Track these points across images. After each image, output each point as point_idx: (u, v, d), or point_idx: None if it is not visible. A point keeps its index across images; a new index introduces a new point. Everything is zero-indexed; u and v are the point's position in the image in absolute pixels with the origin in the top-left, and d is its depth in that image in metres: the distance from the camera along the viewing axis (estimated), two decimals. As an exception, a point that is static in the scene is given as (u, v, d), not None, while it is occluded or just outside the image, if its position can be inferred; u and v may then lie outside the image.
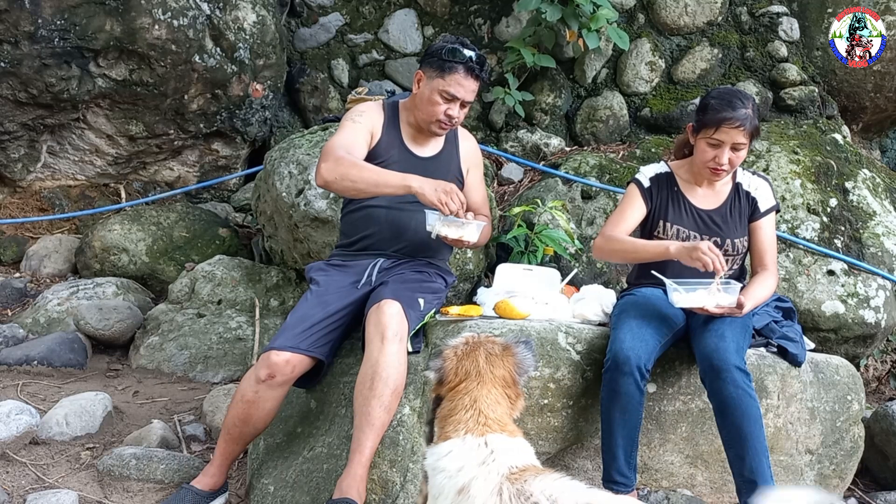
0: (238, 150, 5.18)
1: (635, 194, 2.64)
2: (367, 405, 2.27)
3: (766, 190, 2.64)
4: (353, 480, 2.21)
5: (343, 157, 2.49)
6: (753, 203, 2.62)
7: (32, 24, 4.16)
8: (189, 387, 3.43)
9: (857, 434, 2.77)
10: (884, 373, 4.05)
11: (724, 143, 2.44)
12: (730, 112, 2.42)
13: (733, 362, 2.27)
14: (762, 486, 2.22)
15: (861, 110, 4.81)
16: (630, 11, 4.73)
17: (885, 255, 3.73)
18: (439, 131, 2.71)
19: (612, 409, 2.33)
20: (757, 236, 2.61)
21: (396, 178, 2.44)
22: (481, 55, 2.66)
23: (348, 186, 2.49)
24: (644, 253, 2.52)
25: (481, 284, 3.47)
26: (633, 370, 2.28)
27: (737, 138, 2.44)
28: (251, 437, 2.51)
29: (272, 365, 2.37)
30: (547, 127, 4.69)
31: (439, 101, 2.62)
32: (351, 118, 2.69)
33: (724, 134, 2.43)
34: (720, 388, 2.27)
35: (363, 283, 2.59)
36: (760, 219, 2.62)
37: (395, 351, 2.32)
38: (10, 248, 4.63)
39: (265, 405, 2.41)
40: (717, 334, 2.35)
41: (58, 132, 4.71)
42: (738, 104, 2.43)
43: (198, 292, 3.92)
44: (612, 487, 2.38)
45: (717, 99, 2.47)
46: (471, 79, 2.62)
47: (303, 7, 5.36)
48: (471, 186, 2.83)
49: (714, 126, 2.44)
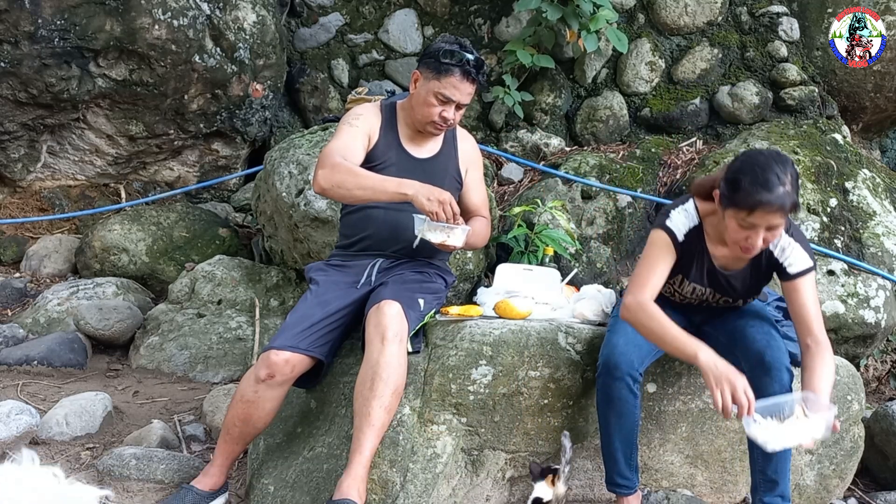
0: (238, 150, 5.18)
1: (668, 248, 2.30)
2: (367, 405, 2.26)
3: (798, 253, 2.27)
4: (354, 481, 2.21)
5: (339, 163, 2.48)
6: (779, 267, 2.30)
7: (32, 24, 4.16)
8: (189, 387, 3.43)
9: (857, 434, 2.77)
10: (884, 373, 4.05)
11: (759, 226, 2.10)
12: (766, 195, 2.05)
13: (785, 363, 2.28)
14: (782, 486, 2.24)
15: (861, 110, 4.82)
16: (630, 11, 4.73)
17: (885, 255, 3.73)
18: (435, 132, 2.70)
19: (608, 413, 2.33)
20: (793, 301, 2.28)
21: (392, 185, 2.43)
22: (479, 58, 2.63)
23: (345, 194, 2.49)
24: (669, 345, 2.21)
25: (481, 284, 3.47)
26: (624, 375, 2.27)
27: (773, 221, 2.09)
28: (251, 437, 2.51)
29: (272, 364, 2.36)
30: (547, 127, 4.69)
31: (434, 102, 2.60)
32: (348, 122, 2.68)
33: (758, 218, 2.09)
34: (767, 384, 2.24)
35: (362, 282, 2.59)
36: (792, 280, 2.28)
37: (396, 352, 2.31)
38: (10, 248, 4.63)
39: (265, 405, 2.41)
40: (764, 332, 2.34)
41: (58, 132, 4.71)
42: (775, 182, 2.06)
43: (198, 292, 3.92)
44: (615, 490, 2.39)
45: (751, 175, 2.08)
46: (467, 82, 2.59)
47: (303, 7, 5.36)
48: (470, 186, 2.82)
49: (747, 210, 2.09)
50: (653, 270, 2.29)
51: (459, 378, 2.42)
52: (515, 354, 2.44)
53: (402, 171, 2.63)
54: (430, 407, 2.42)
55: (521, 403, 2.44)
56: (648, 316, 2.21)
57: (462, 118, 2.84)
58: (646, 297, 2.24)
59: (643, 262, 2.34)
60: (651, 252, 2.33)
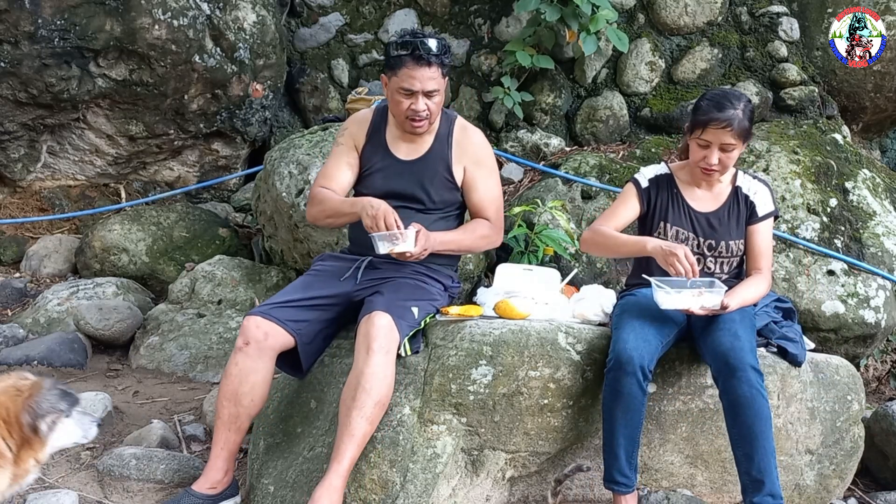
0: (238, 150, 5.18)
1: (631, 193, 2.66)
2: (348, 415, 2.27)
3: (766, 195, 2.64)
4: (328, 491, 2.21)
5: (314, 195, 2.65)
6: (751, 207, 2.61)
7: (32, 24, 4.16)
8: (189, 387, 3.43)
9: (857, 434, 2.77)
10: (884, 373, 4.05)
11: (713, 143, 2.45)
12: (716, 113, 2.42)
13: (749, 362, 2.28)
14: (769, 485, 2.23)
15: (861, 110, 4.81)
16: (630, 11, 4.73)
17: (885, 255, 3.73)
18: (416, 129, 2.59)
19: (615, 409, 2.33)
20: (753, 240, 2.61)
21: (347, 206, 2.56)
22: (439, 40, 2.53)
23: (326, 223, 2.75)
24: (624, 247, 2.55)
25: (481, 284, 3.47)
26: (637, 370, 2.28)
27: (724, 139, 2.43)
28: (245, 422, 2.47)
29: (244, 331, 2.42)
30: (547, 127, 4.69)
31: (401, 98, 2.54)
32: (336, 140, 2.75)
33: (711, 135, 2.44)
34: (734, 386, 2.27)
35: (347, 276, 2.60)
36: (758, 223, 2.61)
37: (381, 363, 2.30)
38: (10, 248, 4.63)
39: (249, 377, 2.41)
40: (731, 333, 2.35)
41: (58, 132, 4.71)
42: (727, 105, 2.43)
43: (198, 292, 3.92)
44: (613, 488, 2.38)
45: (708, 100, 2.48)
46: (423, 67, 2.48)
47: (303, 7, 5.36)
48: (471, 185, 2.69)
49: (701, 127, 2.45)
50: (613, 212, 2.65)
51: (459, 378, 2.42)
52: (515, 354, 2.44)
53: (387, 176, 2.63)
54: (430, 407, 2.42)
55: (521, 403, 2.44)
56: (601, 234, 2.56)
57: (464, 116, 2.81)
58: (600, 226, 2.58)
59: (607, 209, 2.72)
60: (616, 200, 2.70)
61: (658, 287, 2.36)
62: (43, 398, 1.81)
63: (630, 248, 2.53)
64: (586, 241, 2.63)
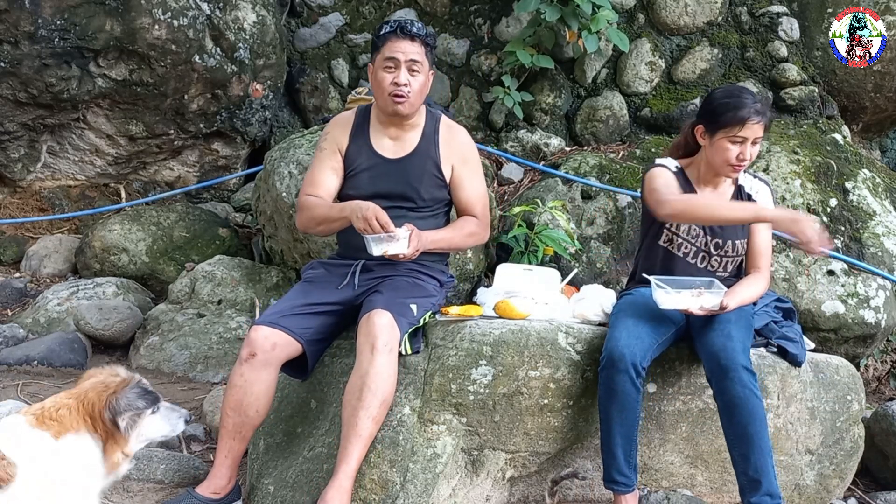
0: (238, 150, 5.18)
1: (668, 173, 2.60)
2: (354, 416, 2.26)
3: (767, 194, 2.66)
4: (338, 492, 2.21)
5: (303, 204, 2.63)
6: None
7: (32, 24, 4.16)
8: (189, 387, 3.43)
9: (857, 434, 2.76)
10: (884, 373, 4.05)
11: (748, 138, 2.47)
12: (748, 109, 2.45)
13: (741, 362, 2.27)
14: (766, 484, 2.23)
15: (861, 110, 4.82)
16: (630, 11, 4.73)
17: (885, 255, 3.73)
18: (398, 104, 2.56)
19: (610, 407, 2.33)
20: (753, 239, 2.62)
21: (336, 211, 2.53)
22: (413, 21, 2.61)
23: (321, 231, 2.68)
24: (730, 213, 2.51)
25: (481, 284, 3.47)
26: (629, 367, 2.28)
27: (759, 132, 2.48)
28: (248, 430, 2.46)
29: (251, 342, 2.39)
30: (547, 127, 4.69)
31: (385, 74, 2.55)
32: (318, 145, 2.72)
33: (749, 130, 2.46)
34: (727, 387, 2.27)
35: (345, 284, 2.58)
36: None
37: (385, 362, 2.30)
38: (10, 248, 4.63)
39: (253, 388, 2.39)
40: (723, 334, 2.35)
41: (58, 132, 4.72)
42: (751, 99, 2.48)
43: (198, 292, 3.92)
44: (613, 487, 2.38)
45: (730, 98, 2.49)
46: (405, 40, 2.53)
47: (303, 7, 5.36)
48: (457, 183, 2.68)
49: (739, 124, 2.45)
50: (667, 184, 2.55)
51: (459, 378, 2.42)
52: (515, 354, 2.44)
53: (373, 175, 2.62)
54: (430, 407, 2.42)
55: (521, 403, 2.44)
56: (693, 200, 2.53)
57: (459, 118, 2.81)
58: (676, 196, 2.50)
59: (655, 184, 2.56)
60: (656, 180, 2.58)
61: (657, 286, 2.36)
62: (123, 396, 1.89)
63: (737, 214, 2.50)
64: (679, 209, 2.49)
